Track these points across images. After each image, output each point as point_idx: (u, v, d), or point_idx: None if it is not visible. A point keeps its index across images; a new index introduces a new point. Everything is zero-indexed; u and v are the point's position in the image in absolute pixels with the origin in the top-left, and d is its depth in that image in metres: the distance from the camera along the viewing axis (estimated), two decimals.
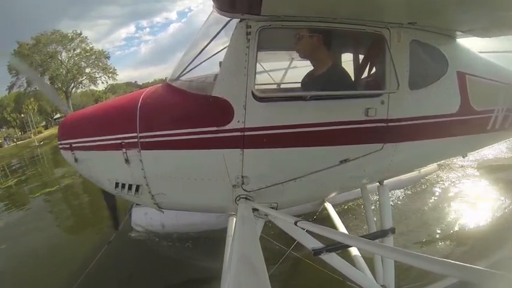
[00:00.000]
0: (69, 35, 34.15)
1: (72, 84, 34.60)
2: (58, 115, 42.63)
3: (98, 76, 36.01)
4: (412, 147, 2.21)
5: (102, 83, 36.81)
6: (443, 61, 2.25)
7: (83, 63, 34.96)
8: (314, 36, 1.97)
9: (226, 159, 1.92)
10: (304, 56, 2.21)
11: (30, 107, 39.22)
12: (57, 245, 4.67)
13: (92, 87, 37.67)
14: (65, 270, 3.68)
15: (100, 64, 36.13)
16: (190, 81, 2.21)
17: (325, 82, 2.02)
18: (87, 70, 35.28)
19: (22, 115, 40.57)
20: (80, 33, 35.15)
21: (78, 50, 35.13)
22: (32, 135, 36.98)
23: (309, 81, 2.26)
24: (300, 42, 2.03)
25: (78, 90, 38.84)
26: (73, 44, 34.34)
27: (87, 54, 35.09)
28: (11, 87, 34.22)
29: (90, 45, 35.96)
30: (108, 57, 37.38)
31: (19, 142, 34.43)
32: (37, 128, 41.88)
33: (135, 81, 47.95)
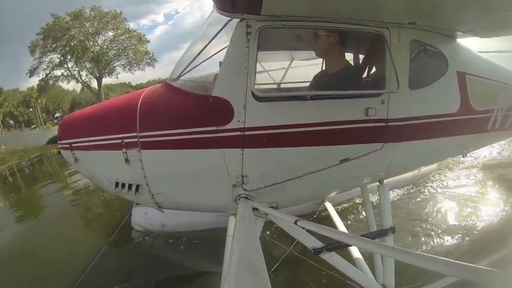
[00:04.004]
0: (110, 13, 31.06)
1: (104, 71, 31.63)
2: (58, 114, 41.89)
3: (140, 61, 32.42)
4: (412, 147, 2.21)
5: (140, 69, 33.02)
6: (443, 61, 2.25)
7: (125, 44, 31.74)
8: (332, 34, 1.99)
9: (226, 158, 1.92)
10: (320, 54, 2.25)
11: (39, 101, 37.68)
12: (58, 244, 4.66)
13: (127, 74, 34.04)
14: (65, 270, 3.67)
15: (141, 48, 32.64)
16: (190, 81, 2.21)
17: (339, 81, 2.04)
18: (131, 53, 31.90)
19: (30, 109, 39.25)
20: (120, 13, 31.78)
21: (120, 31, 31.81)
22: (36, 133, 36.22)
23: (322, 79, 2.26)
24: (318, 40, 2.05)
25: (107, 79, 34.83)
26: (112, 23, 31.23)
27: (130, 35, 31.77)
28: (32, 72, 30.53)
29: (131, 27, 32.92)
30: (148, 42, 33.61)
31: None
32: (44, 124, 41.14)
33: (129, 82, 47.01)
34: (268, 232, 3.36)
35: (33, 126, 43.01)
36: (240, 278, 1.08)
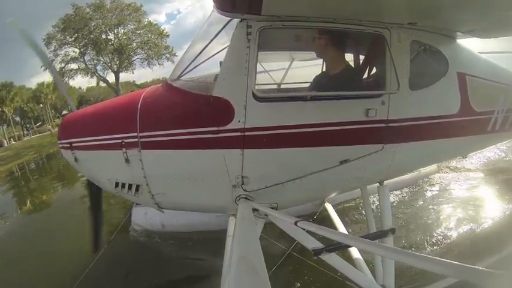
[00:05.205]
0: (130, 5, 30.58)
1: (124, 64, 31.14)
2: (65, 111, 41.60)
3: (161, 55, 31.74)
4: (412, 148, 2.20)
5: (159, 64, 32.27)
6: (443, 62, 2.25)
7: (145, 37, 31.32)
8: (330, 36, 2.00)
9: (226, 159, 1.92)
10: (319, 55, 2.27)
11: (49, 96, 37.30)
12: (59, 243, 4.65)
13: (146, 69, 33.46)
14: (65, 270, 3.67)
15: (162, 43, 32.13)
16: (190, 81, 2.21)
17: (340, 82, 2.04)
18: (152, 47, 31.48)
19: (41, 105, 38.77)
20: (141, 6, 31.30)
21: (141, 24, 31.32)
22: (51, 128, 35.67)
23: (323, 81, 2.27)
24: (316, 42, 2.06)
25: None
26: (133, 16, 30.75)
27: (151, 29, 31.34)
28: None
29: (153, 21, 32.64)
30: (167, 36, 33.06)
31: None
32: (53, 121, 40.57)
33: (133, 81, 46.83)
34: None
35: (39, 123, 42.62)
36: (240, 278, 1.08)
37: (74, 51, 29.59)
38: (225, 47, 1.92)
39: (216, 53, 2.13)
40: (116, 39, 30.17)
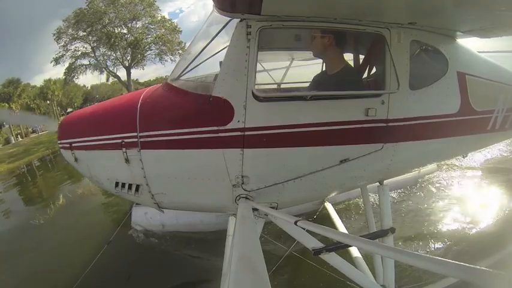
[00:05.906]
0: (144, 0, 29.86)
1: (138, 58, 30.41)
2: (70, 109, 41.28)
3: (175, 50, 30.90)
4: (412, 147, 2.21)
5: (172, 60, 31.20)
6: (443, 61, 2.25)
7: (158, 32, 30.74)
8: (328, 35, 2.00)
9: (226, 159, 1.92)
10: (318, 55, 2.26)
11: (56, 93, 36.71)
12: (60, 243, 4.65)
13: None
14: (65, 270, 3.67)
15: (175, 39, 31.34)
16: (190, 81, 2.21)
17: (339, 81, 2.04)
18: (166, 42, 30.66)
19: (48, 102, 37.97)
20: (154, 1, 30.53)
21: (155, 18, 30.66)
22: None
23: (322, 80, 2.27)
24: (316, 41, 2.06)
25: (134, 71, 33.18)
26: (148, 10, 30.01)
27: (165, 24, 30.72)
28: (57, 60, 28.87)
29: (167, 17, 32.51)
30: (180, 32, 32.40)
31: None
32: (60, 118, 39.91)
33: (137, 79, 46.21)
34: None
35: None
36: (240, 277, 1.08)
37: (84, 47, 29.13)
38: (225, 47, 1.92)
39: (215, 53, 2.13)
40: (130, 33, 29.75)
